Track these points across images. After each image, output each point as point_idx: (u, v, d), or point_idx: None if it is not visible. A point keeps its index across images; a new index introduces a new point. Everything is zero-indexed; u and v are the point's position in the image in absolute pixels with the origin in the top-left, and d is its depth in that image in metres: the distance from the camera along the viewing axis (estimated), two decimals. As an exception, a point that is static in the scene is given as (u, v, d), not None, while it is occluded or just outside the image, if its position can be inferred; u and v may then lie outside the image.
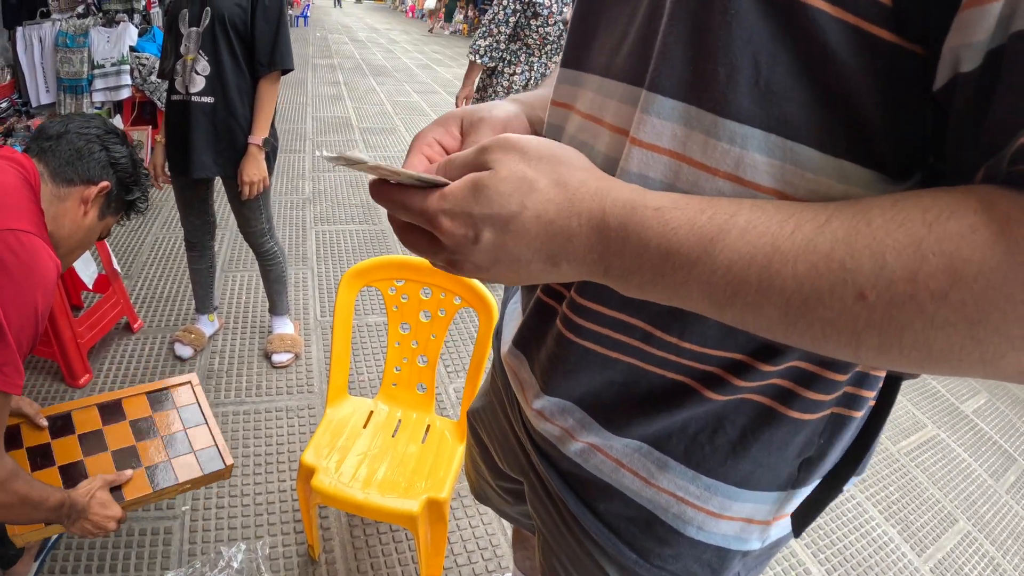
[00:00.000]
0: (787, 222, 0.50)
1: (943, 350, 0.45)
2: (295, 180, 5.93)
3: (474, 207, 0.57)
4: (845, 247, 0.47)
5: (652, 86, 0.60)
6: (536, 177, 0.57)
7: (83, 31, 5.20)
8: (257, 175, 2.77)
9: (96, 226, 1.74)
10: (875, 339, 0.47)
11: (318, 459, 1.96)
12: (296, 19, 19.76)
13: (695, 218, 0.53)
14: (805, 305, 0.48)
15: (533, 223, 0.56)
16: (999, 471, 3.52)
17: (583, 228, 0.56)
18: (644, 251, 0.54)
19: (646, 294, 0.57)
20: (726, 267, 0.51)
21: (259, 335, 3.53)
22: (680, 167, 0.60)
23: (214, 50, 2.61)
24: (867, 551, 2.75)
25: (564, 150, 0.61)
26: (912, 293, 0.44)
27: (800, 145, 0.54)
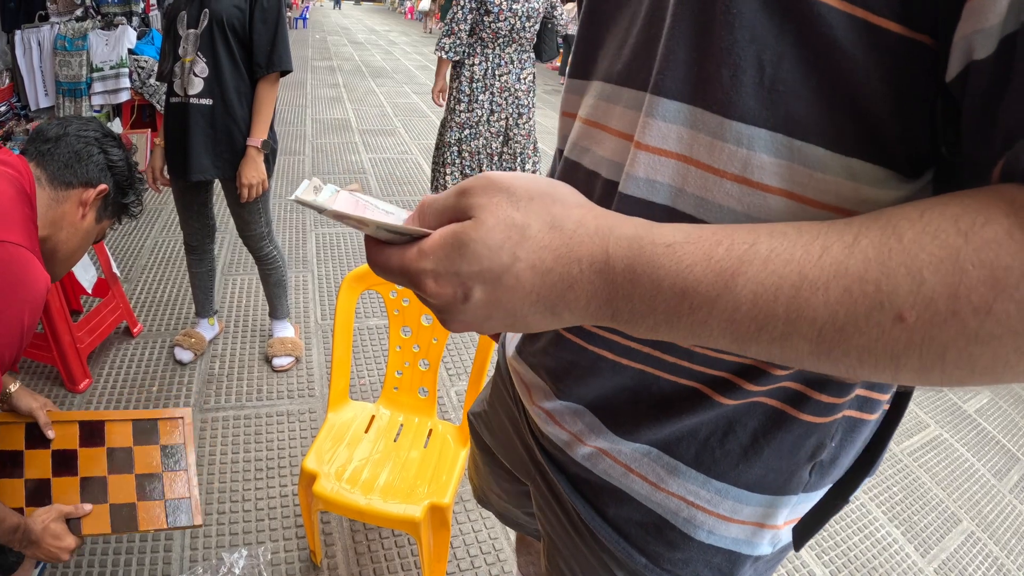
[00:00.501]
0: (812, 245, 0.47)
1: (988, 366, 0.43)
2: (295, 182, 5.92)
3: (460, 265, 0.52)
4: (879, 267, 0.44)
5: (656, 89, 0.60)
6: (527, 222, 0.52)
7: (82, 34, 5.19)
8: (256, 178, 2.76)
9: (93, 229, 1.73)
10: (916, 362, 0.45)
11: (320, 465, 1.95)
12: (295, 21, 19.75)
13: (711, 251, 0.49)
14: (840, 334, 0.46)
15: (528, 274, 0.51)
16: (1002, 471, 3.51)
17: (585, 274, 0.51)
18: (656, 293, 0.50)
19: (658, 334, 0.53)
20: (751, 302, 0.47)
21: (260, 339, 3.52)
22: (688, 170, 0.59)
23: (212, 52, 2.60)
24: (871, 552, 2.74)
25: (556, 187, 0.55)
26: (955, 310, 0.42)
27: (808, 144, 0.54)
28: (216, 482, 2.56)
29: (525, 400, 0.90)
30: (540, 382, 0.85)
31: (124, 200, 1.81)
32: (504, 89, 4.54)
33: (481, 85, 4.52)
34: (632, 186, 0.64)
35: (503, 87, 4.53)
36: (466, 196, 0.53)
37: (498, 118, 4.60)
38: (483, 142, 4.66)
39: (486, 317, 0.54)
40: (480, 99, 4.53)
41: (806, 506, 0.77)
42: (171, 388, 3.04)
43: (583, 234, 0.52)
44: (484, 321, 0.55)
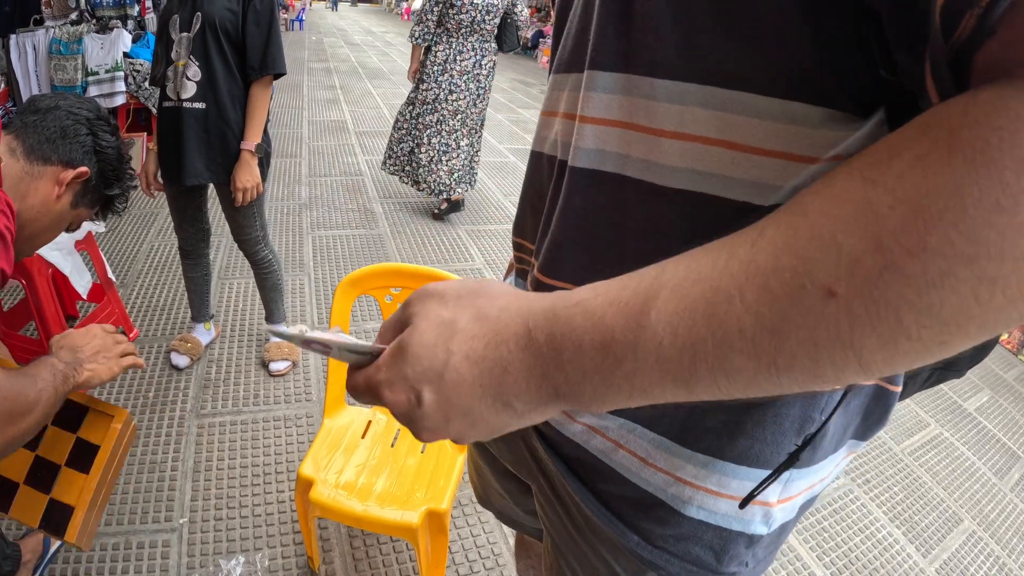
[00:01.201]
0: (719, 256, 0.47)
1: (957, 310, 0.38)
2: (291, 185, 5.91)
3: (405, 369, 0.55)
4: (789, 251, 0.43)
5: (592, 65, 0.64)
6: (455, 317, 0.55)
7: (77, 38, 5.18)
8: (250, 181, 2.74)
9: (67, 214, 1.62)
10: (873, 338, 0.41)
11: (316, 471, 1.94)
12: (291, 23, 19.75)
13: (617, 296, 0.50)
14: (775, 336, 0.43)
15: (465, 366, 0.54)
16: (1003, 469, 3.50)
17: (514, 353, 0.53)
18: (580, 353, 0.51)
19: (610, 401, 0.52)
20: (670, 334, 0.47)
21: (256, 343, 3.51)
22: (631, 135, 0.62)
23: (205, 55, 2.58)
24: (872, 553, 2.73)
25: (483, 284, 0.59)
26: (886, 263, 0.39)
27: (739, 92, 0.54)
28: (213, 488, 2.55)
29: None
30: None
31: (108, 191, 1.71)
32: (463, 72, 5.13)
33: (441, 68, 5.11)
34: (582, 158, 0.67)
35: (462, 71, 5.12)
36: (407, 307, 0.59)
37: (456, 98, 5.19)
38: (438, 117, 5.23)
39: (445, 419, 0.56)
40: (439, 79, 5.13)
41: (801, 484, 0.75)
42: (167, 393, 3.03)
43: (506, 318, 0.54)
44: (446, 424, 0.56)
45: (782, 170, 0.55)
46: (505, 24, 5.30)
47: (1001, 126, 0.37)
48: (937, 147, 0.39)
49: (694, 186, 0.59)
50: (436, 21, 5.04)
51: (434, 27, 5.07)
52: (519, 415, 0.56)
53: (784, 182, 0.55)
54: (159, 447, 2.71)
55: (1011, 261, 0.37)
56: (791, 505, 0.77)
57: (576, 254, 0.71)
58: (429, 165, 5.32)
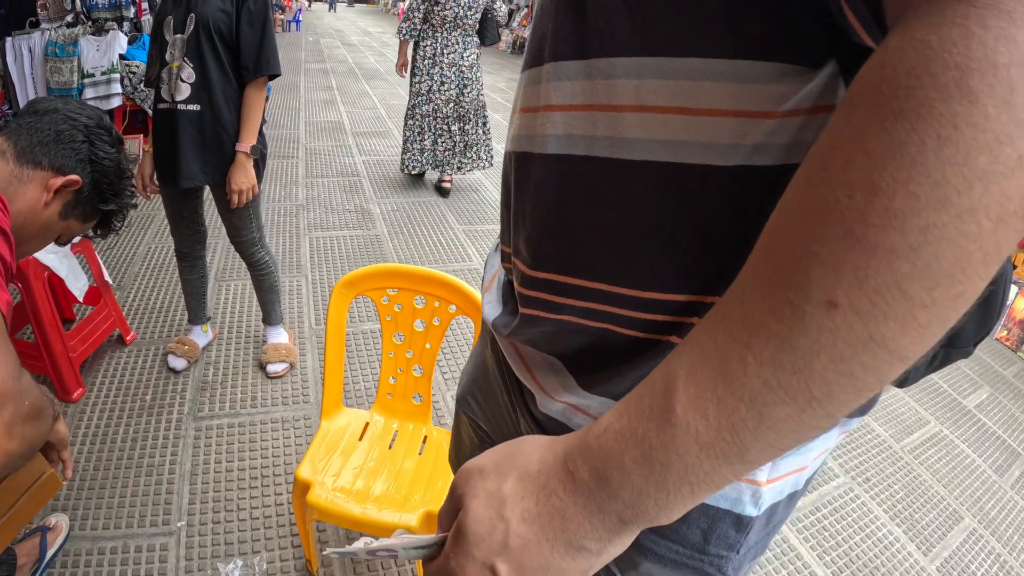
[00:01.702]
0: (716, 327, 0.48)
1: (955, 257, 0.38)
2: (288, 186, 5.90)
3: (471, 550, 0.56)
4: (775, 288, 0.44)
5: (553, 56, 0.67)
6: (499, 486, 0.57)
7: (72, 40, 5.17)
8: (246, 183, 2.73)
9: (55, 224, 1.55)
10: (889, 325, 0.41)
11: (314, 473, 1.93)
12: (288, 24, 19.73)
13: (638, 405, 0.52)
14: (799, 372, 0.43)
15: (524, 528, 0.55)
16: (1003, 466, 3.49)
17: (566, 500, 0.54)
18: (625, 475, 0.51)
19: (678, 505, 0.52)
20: (701, 419, 0.47)
21: (253, 345, 3.50)
22: (595, 116, 0.63)
23: (199, 57, 2.57)
24: (873, 551, 2.72)
25: (515, 444, 0.60)
26: (867, 248, 0.39)
27: (688, 58, 0.55)
28: (211, 491, 2.54)
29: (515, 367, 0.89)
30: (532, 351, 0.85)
31: (102, 205, 1.63)
32: (452, 65, 5.63)
33: (431, 62, 5.63)
34: (552, 144, 0.68)
35: (450, 63, 5.63)
36: (454, 491, 0.60)
37: (447, 88, 5.69)
38: (432, 107, 5.75)
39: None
40: (431, 72, 5.64)
41: (790, 463, 0.74)
42: (164, 396, 3.02)
43: (547, 468, 0.56)
44: None
45: (739, 129, 0.55)
46: (486, 19, 5.74)
47: (914, 65, 0.38)
48: (867, 118, 0.40)
49: (657, 156, 0.60)
50: (422, 18, 5.52)
51: (420, 23, 5.55)
52: (597, 554, 0.56)
53: (743, 140, 0.55)
54: (156, 450, 2.70)
55: (978, 183, 0.37)
56: (780, 486, 0.74)
57: (555, 241, 0.71)
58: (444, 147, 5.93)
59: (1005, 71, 0.36)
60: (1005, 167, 0.37)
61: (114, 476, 2.56)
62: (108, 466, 2.60)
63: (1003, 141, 0.36)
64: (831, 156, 0.42)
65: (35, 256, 2.71)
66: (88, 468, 2.58)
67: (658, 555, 0.76)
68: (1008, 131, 0.36)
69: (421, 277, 2.05)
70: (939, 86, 0.37)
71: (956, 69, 0.36)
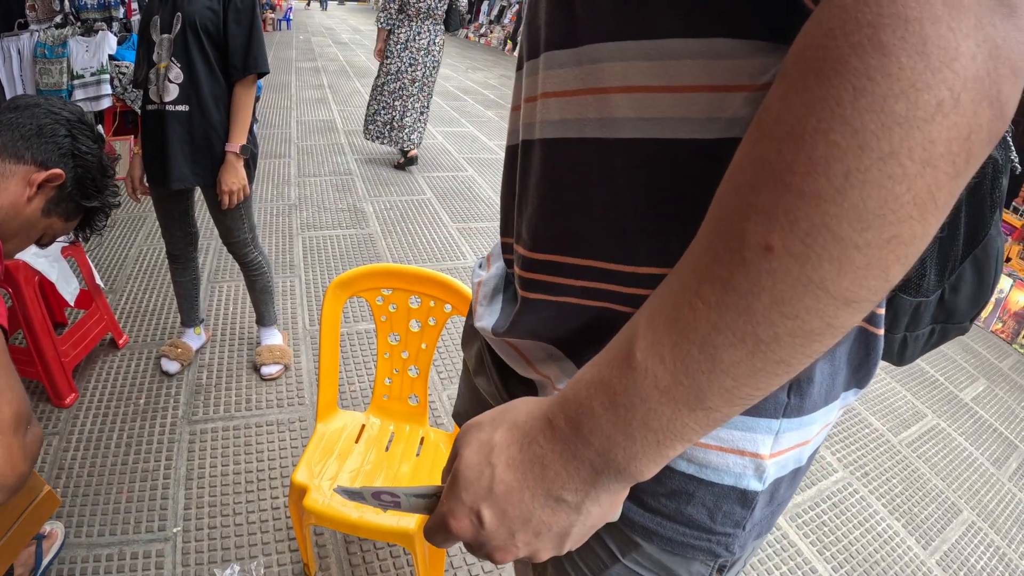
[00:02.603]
0: (670, 280, 0.51)
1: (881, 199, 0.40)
2: (280, 186, 5.87)
3: (461, 495, 0.59)
4: (717, 237, 0.47)
5: (548, 46, 0.69)
6: (491, 435, 0.60)
7: (61, 41, 5.14)
8: (236, 183, 2.71)
9: (38, 221, 1.53)
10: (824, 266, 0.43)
11: (310, 478, 1.91)
12: (279, 22, 19.67)
13: (604, 355, 0.55)
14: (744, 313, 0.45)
15: (508, 474, 0.58)
16: (1001, 459, 3.50)
17: (545, 447, 0.57)
18: (595, 420, 0.54)
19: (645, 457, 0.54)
20: (658, 362, 0.50)
21: (247, 347, 3.47)
22: (586, 99, 0.65)
23: (187, 56, 2.54)
24: (872, 546, 2.72)
25: (512, 403, 0.63)
26: (796, 194, 0.42)
27: (668, 39, 0.58)
28: (207, 495, 2.52)
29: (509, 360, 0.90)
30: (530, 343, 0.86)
31: (85, 202, 1.61)
32: (420, 49, 6.38)
33: (403, 47, 6.37)
34: (548, 130, 0.70)
35: (419, 48, 6.37)
36: (455, 445, 0.64)
37: (414, 69, 6.44)
38: (399, 85, 6.48)
39: (510, 533, 0.59)
40: (402, 55, 6.38)
41: (792, 437, 0.73)
42: (158, 400, 2.99)
43: (532, 420, 0.59)
44: (512, 538, 0.60)
45: (720, 102, 0.57)
46: (451, 9, 6.50)
47: (832, 27, 0.40)
48: (793, 79, 0.42)
49: (644, 133, 0.62)
50: (398, 8, 6.29)
51: (396, 13, 6.31)
52: (575, 508, 0.58)
53: (723, 113, 0.57)
54: (151, 455, 2.68)
55: (897, 128, 0.39)
56: (783, 460, 0.74)
57: (554, 222, 0.73)
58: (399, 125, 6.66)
59: (916, 24, 0.38)
60: (925, 112, 0.38)
61: (108, 482, 2.53)
62: (102, 472, 2.57)
63: (920, 88, 0.38)
64: (764, 116, 0.44)
65: (25, 260, 2.68)
66: (82, 474, 2.55)
67: (664, 537, 0.76)
68: (924, 79, 0.38)
69: (416, 277, 2.03)
70: (853, 43, 0.39)
71: (868, 27, 0.39)
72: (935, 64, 0.38)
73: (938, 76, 0.38)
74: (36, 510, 1.59)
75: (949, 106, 0.39)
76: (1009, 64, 0.40)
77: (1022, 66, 0.41)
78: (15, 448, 1.14)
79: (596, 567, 0.84)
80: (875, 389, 3.90)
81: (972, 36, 0.38)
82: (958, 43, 0.38)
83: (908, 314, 0.82)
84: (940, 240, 0.77)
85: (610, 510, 0.60)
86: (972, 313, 0.89)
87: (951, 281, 0.82)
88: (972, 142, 0.40)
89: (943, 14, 0.38)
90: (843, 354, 0.73)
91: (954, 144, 0.40)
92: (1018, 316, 4.84)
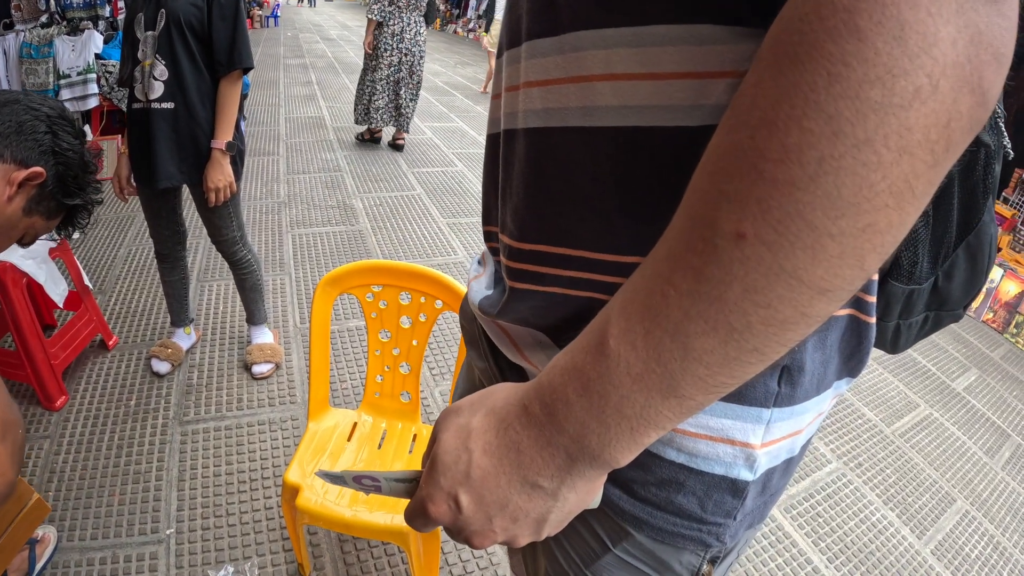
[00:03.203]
0: (644, 266, 0.51)
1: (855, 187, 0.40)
2: (269, 183, 5.84)
3: (439, 479, 0.60)
4: (691, 224, 0.46)
5: (529, 35, 0.69)
6: (468, 421, 0.60)
7: (47, 41, 5.10)
8: (223, 181, 2.69)
9: (19, 221, 1.49)
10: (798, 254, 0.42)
11: (302, 477, 1.90)
12: (266, 19, 19.60)
13: (579, 342, 0.55)
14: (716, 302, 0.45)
15: (484, 459, 0.58)
16: (993, 448, 3.51)
17: (521, 433, 0.57)
18: (568, 406, 0.54)
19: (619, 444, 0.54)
20: (630, 349, 0.49)
21: (238, 346, 3.46)
22: (569, 88, 0.65)
23: (171, 53, 2.52)
24: (867, 536, 2.72)
25: (491, 388, 0.63)
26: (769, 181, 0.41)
27: (652, 26, 0.57)
28: (199, 496, 2.50)
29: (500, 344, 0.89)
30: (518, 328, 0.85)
31: (67, 200, 1.57)
32: (408, 39, 6.81)
33: (398, 39, 6.79)
34: (532, 119, 0.70)
35: (410, 38, 6.81)
36: (434, 429, 0.64)
37: (399, 58, 6.86)
38: (386, 72, 6.89)
39: (487, 518, 0.60)
40: (391, 44, 6.79)
41: (784, 427, 0.73)
42: (149, 401, 2.97)
43: (508, 406, 0.59)
44: (490, 523, 0.60)
45: (703, 89, 0.57)
46: (430, 2, 6.94)
47: (806, 11, 0.39)
48: (767, 65, 0.42)
49: (626, 121, 0.61)
50: (388, 0, 6.66)
51: (387, 5, 6.65)
52: (551, 494, 0.58)
53: (706, 100, 0.57)
54: (142, 456, 2.66)
55: (872, 115, 0.38)
56: (775, 449, 0.74)
57: (538, 212, 0.72)
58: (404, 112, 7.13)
59: (894, 8, 0.37)
60: (901, 99, 0.38)
61: (100, 484, 2.52)
62: (94, 474, 2.56)
63: (896, 75, 0.37)
64: (738, 103, 0.44)
65: (13, 263, 2.66)
66: (74, 477, 2.53)
67: (654, 527, 0.76)
68: (901, 65, 0.37)
69: (406, 273, 2.01)
70: (828, 28, 0.38)
71: (844, 11, 0.38)
72: (913, 50, 0.37)
73: (916, 62, 0.37)
74: (26, 518, 1.58)
75: (927, 93, 0.38)
76: (991, 50, 0.39)
77: (1005, 52, 0.40)
78: (2, 456, 1.12)
79: (588, 557, 0.84)
80: (867, 380, 3.91)
81: (953, 21, 0.37)
82: (937, 28, 0.37)
83: (901, 302, 0.82)
84: (933, 227, 0.76)
85: (587, 496, 0.60)
86: (966, 300, 0.89)
87: (944, 268, 0.82)
88: (952, 130, 0.40)
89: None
90: (835, 342, 0.72)
91: (932, 132, 0.39)
92: (1009, 306, 4.86)
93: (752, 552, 2.55)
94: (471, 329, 1.04)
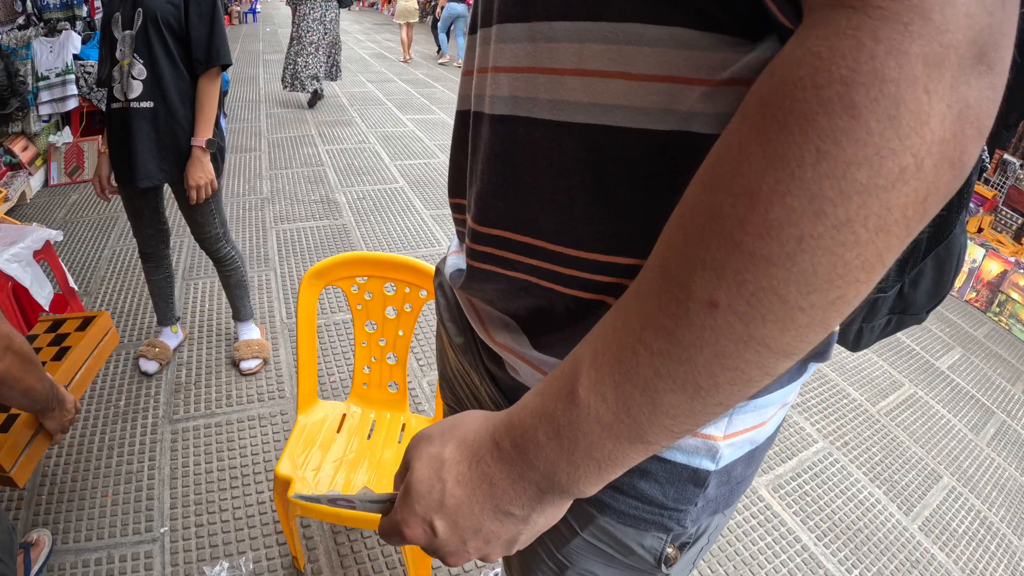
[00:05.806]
0: (616, 317, 0.52)
1: (831, 265, 0.40)
2: (252, 180, 5.82)
3: (415, 506, 0.62)
4: (666, 285, 0.47)
5: (499, 18, 0.68)
6: (441, 450, 0.62)
7: (25, 43, 5.07)
8: (203, 178, 2.68)
9: None
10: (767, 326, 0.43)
11: (293, 469, 1.91)
12: (244, 15, 19.48)
13: (549, 386, 0.56)
14: (685, 364, 0.47)
15: (458, 489, 0.60)
16: (978, 425, 3.54)
17: (493, 467, 0.59)
18: (539, 447, 0.56)
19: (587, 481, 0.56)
20: (600, 400, 0.51)
21: (225, 343, 3.45)
22: (537, 79, 0.64)
23: (149, 52, 2.51)
24: (855, 514, 2.75)
25: (462, 416, 0.65)
26: (745, 254, 0.41)
27: (628, 24, 0.56)
28: (192, 494, 2.51)
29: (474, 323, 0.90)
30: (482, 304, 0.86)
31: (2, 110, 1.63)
32: (320, 21, 8.41)
33: (318, 21, 8.40)
34: (498, 106, 0.69)
35: (320, 19, 8.40)
36: (407, 455, 0.67)
37: (316, 36, 8.40)
38: (308, 47, 8.41)
39: (461, 541, 0.62)
40: (317, 28, 8.39)
41: (746, 419, 0.74)
42: (138, 401, 2.97)
43: (479, 439, 0.61)
44: (464, 545, 0.63)
45: (677, 94, 0.56)
46: None
47: (801, 76, 0.39)
48: (754, 127, 0.41)
49: (597, 119, 0.61)
50: None
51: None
52: (523, 520, 0.61)
53: (679, 106, 0.56)
54: (134, 456, 2.66)
55: (856, 196, 0.38)
56: (738, 441, 0.75)
57: (502, 199, 0.72)
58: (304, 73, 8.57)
59: (893, 86, 0.36)
60: (886, 180, 0.38)
61: (93, 486, 2.52)
62: (86, 476, 2.56)
63: (885, 156, 0.37)
64: (720, 163, 0.43)
65: (-3, 266, 2.66)
66: (66, 480, 2.53)
67: (617, 511, 0.77)
68: (891, 145, 0.37)
69: (390, 264, 2.02)
70: (822, 100, 0.38)
71: (841, 83, 0.37)
72: (904, 130, 0.37)
73: (905, 143, 0.37)
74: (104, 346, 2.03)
75: (911, 172, 0.38)
76: (976, 124, 0.39)
77: (988, 124, 0.40)
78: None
79: (559, 541, 0.85)
80: (852, 360, 3.94)
81: (946, 98, 0.37)
82: (931, 106, 0.37)
83: (865, 307, 0.83)
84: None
85: (554, 518, 0.64)
86: (929, 306, 0.90)
87: (911, 276, 0.84)
88: (928, 203, 0.40)
89: (921, 75, 0.36)
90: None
91: (910, 209, 0.39)
92: (991, 285, 4.90)
93: (741, 532, 2.57)
94: (448, 304, 1.04)
